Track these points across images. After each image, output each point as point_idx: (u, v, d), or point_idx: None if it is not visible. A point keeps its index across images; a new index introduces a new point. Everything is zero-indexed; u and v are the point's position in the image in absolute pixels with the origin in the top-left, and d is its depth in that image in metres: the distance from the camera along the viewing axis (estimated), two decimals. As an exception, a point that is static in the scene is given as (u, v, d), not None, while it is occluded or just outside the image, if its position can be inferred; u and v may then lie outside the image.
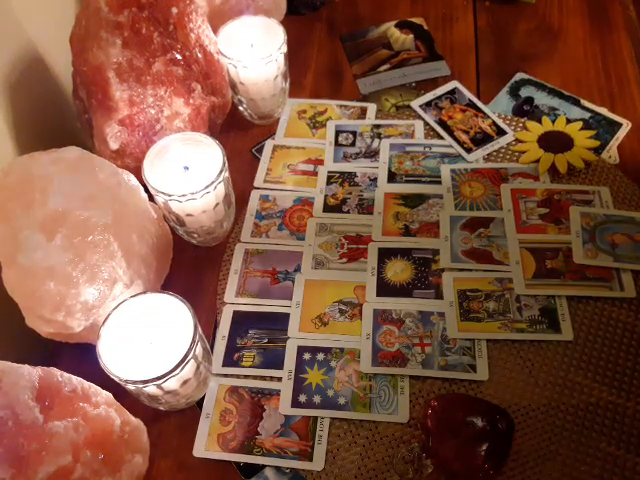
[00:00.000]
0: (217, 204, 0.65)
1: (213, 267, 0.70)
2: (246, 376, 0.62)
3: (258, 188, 0.75)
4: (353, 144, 0.79)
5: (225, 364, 0.63)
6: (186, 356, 0.53)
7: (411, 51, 0.88)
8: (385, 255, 0.69)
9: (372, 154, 0.77)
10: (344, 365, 0.62)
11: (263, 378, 0.62)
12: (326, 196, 0.74)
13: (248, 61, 0.72)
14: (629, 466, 0.55)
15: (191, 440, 0.59)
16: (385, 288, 0.66)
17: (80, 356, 0.61)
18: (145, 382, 0.52)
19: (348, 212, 0.73)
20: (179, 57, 0.66)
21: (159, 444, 0.59)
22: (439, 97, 0.82)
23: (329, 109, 0.82)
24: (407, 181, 0.75)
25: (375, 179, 0.75)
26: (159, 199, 0.63)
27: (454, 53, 0.87)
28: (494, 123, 0.79)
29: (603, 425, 0.57)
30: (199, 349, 0.55)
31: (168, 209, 0.64)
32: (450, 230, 0.70)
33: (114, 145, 0.66)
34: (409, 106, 0.82)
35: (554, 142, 0.75)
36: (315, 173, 0.76)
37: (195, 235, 0.68)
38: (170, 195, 0.61)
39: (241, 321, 0.65)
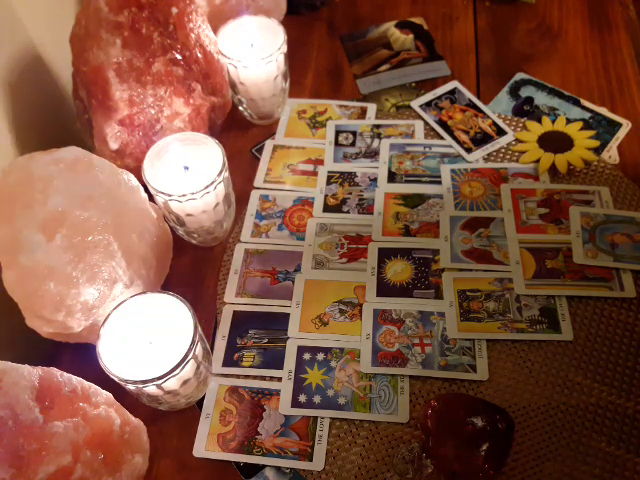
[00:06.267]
0: (217, 204, 0.65)
1: (213, 267, 0.70)
2: (246, 376, 0.62)
3: (258, 188, 0.75)
4: (353, 144, 0.79)
5: (225, 364, 0.63)
6: (186, 356, 0.53)
7: (411, 51, 0.88)
8: (385, 255, 0.69)
9: (372, 154, 0.77)
10: (344, 365, 0.62)
11: (263, 378, 0.62)
12: (326, 196, 0.74)
13: (248, 61, 0.72)
14: (629, 466, 0.55)
15: (191, 440, 0.59)
16: (385, 288, 0.66)
17: (80, 356, 0.61)
18: (145, 382, 0.52)
19: (348, 212, 0.73)
20: (179, 57, 0.66)
21: (159, 444, 0.59)
22: (439, 97, 0.82)
23: (329, 109, 0.82)
24: (407, 181, 0.75)
25: (375, 179, 0.75)
26: (159, 199, 0.63)
27: (454, 53, 0.87)
28: (494, 123, 0.79)
29: (603, 425, 0.57)
30: (199, 349, 0.55)
31: (168, 209, 0.64)
32: (450, 230, 0.70)
33: (114, 145, 0.66)
34: (409, 106, 0.82)
35: (554, 142, 0.75)
36: (315, 173, 0.76)
37: (195, 235, 0.68)
38: (170, 195, 0.61)
39: (241, 321, 0.65)
